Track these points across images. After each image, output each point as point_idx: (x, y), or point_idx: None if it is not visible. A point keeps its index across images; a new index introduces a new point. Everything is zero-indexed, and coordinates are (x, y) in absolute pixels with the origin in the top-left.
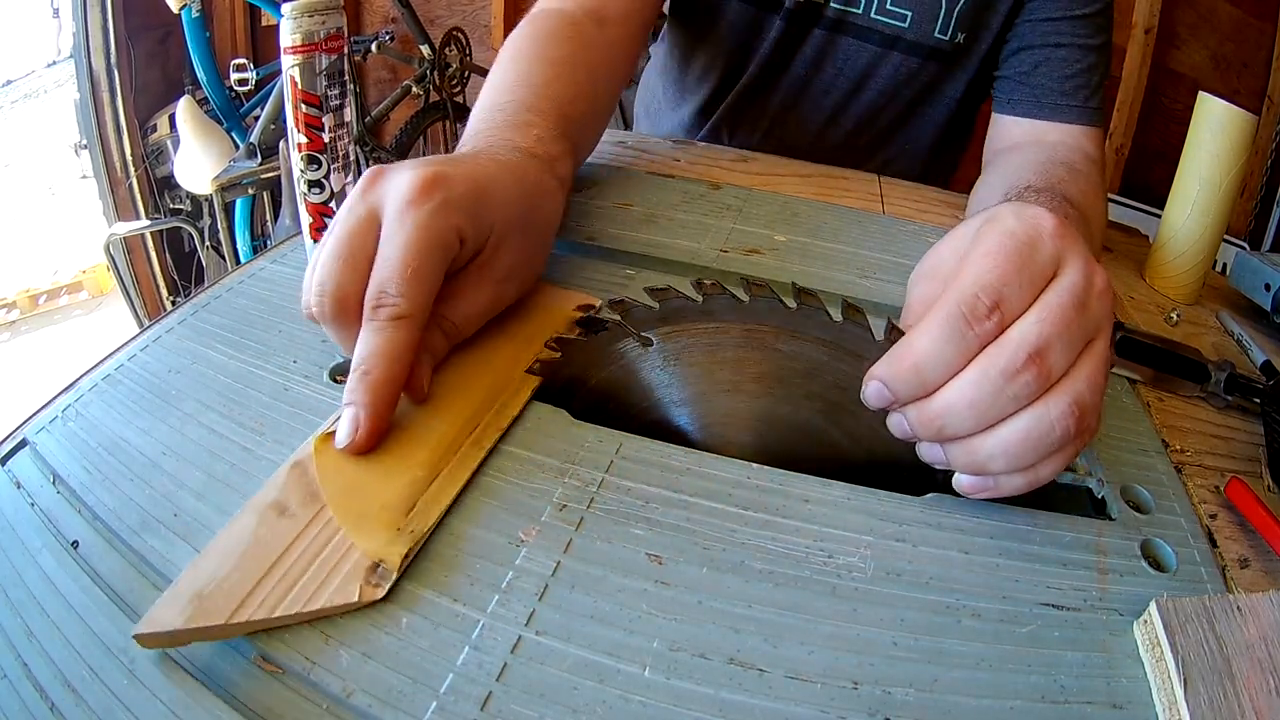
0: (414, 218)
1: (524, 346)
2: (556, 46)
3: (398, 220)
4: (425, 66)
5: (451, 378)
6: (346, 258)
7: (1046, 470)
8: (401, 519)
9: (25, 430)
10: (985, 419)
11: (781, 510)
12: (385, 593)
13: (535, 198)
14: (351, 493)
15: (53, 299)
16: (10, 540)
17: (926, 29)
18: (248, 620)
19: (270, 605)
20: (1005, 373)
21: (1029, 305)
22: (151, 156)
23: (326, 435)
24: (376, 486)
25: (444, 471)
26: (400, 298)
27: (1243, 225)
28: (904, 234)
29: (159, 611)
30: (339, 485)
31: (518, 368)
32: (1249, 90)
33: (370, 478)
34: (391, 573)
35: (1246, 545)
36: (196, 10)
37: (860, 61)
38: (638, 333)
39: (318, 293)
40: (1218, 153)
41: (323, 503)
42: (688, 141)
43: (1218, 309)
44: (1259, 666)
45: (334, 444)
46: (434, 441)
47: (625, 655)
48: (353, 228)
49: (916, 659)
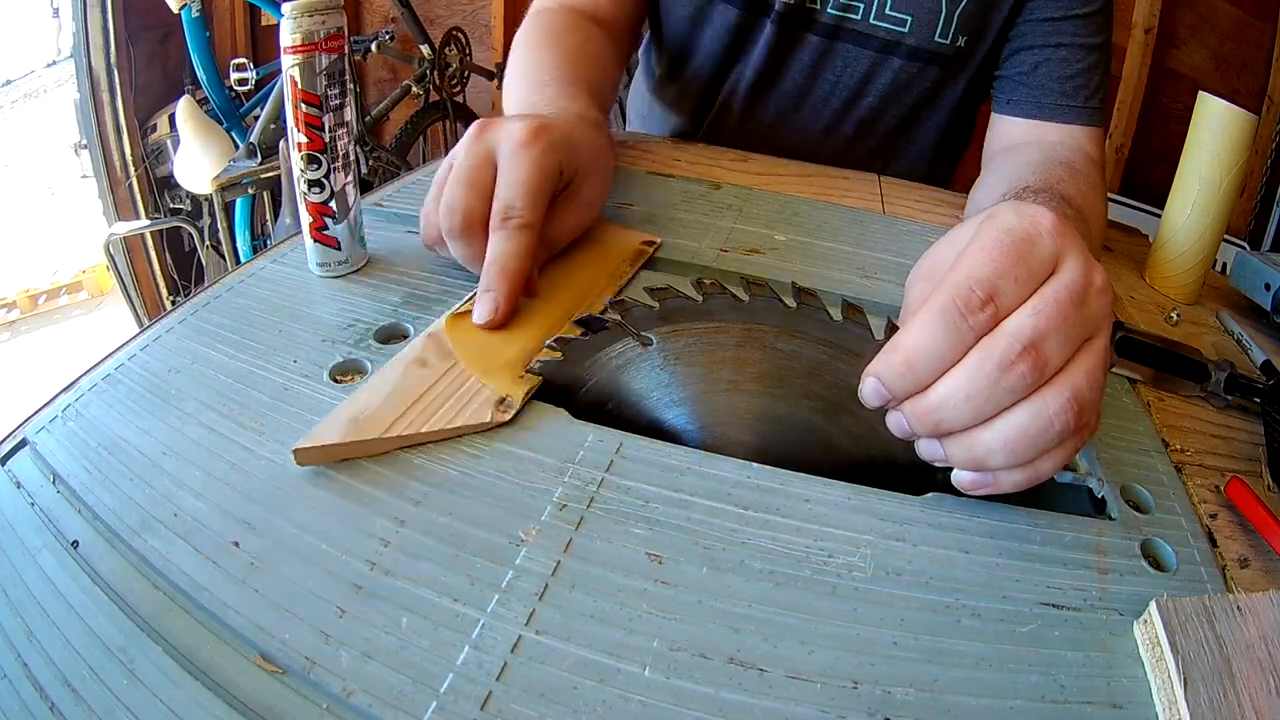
0: (529, 153)
1: (601, 263)
2: (569, 37)
3: (515, 155)
4: (425, 66)
5: (551, 280)
6: (473, 184)
7: (1046, 466)
8: (521, 369)
9: (25, 430)
10: (981, 412)
11: (781, 510)
12: (511, 416)
13: (601, 147)
14: (480, 352)
15: (53, 299)
16: (10, 540)
17: (927, 34)
18: (399, 435)
19: (417, 424)
20: (1000, 364)
21: (1025, 300)
22: (151, 156)
23: (455, 315)
24: (499, 348)
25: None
26: (525, 210)
27: (1243, 225)
28: (904, 234)
29: (320, 430)
30: (469, 347)
31: (598, 277)
32: (1249, 90)
33: (494, 342)
34: (515, 404)
35: (1246, 545)
36: (196, 10)
37: (859, 68)
38: (638, 332)
39: (448, 212)
40: (1218, 153)
41: (455, 359)
42: (688, 141)
43: (1218, 309)
44: (1259, 666)
45: (464, 322)
46: (539, 321)
47: (625, 655)
48: (475, 162)
49: (916, 659)
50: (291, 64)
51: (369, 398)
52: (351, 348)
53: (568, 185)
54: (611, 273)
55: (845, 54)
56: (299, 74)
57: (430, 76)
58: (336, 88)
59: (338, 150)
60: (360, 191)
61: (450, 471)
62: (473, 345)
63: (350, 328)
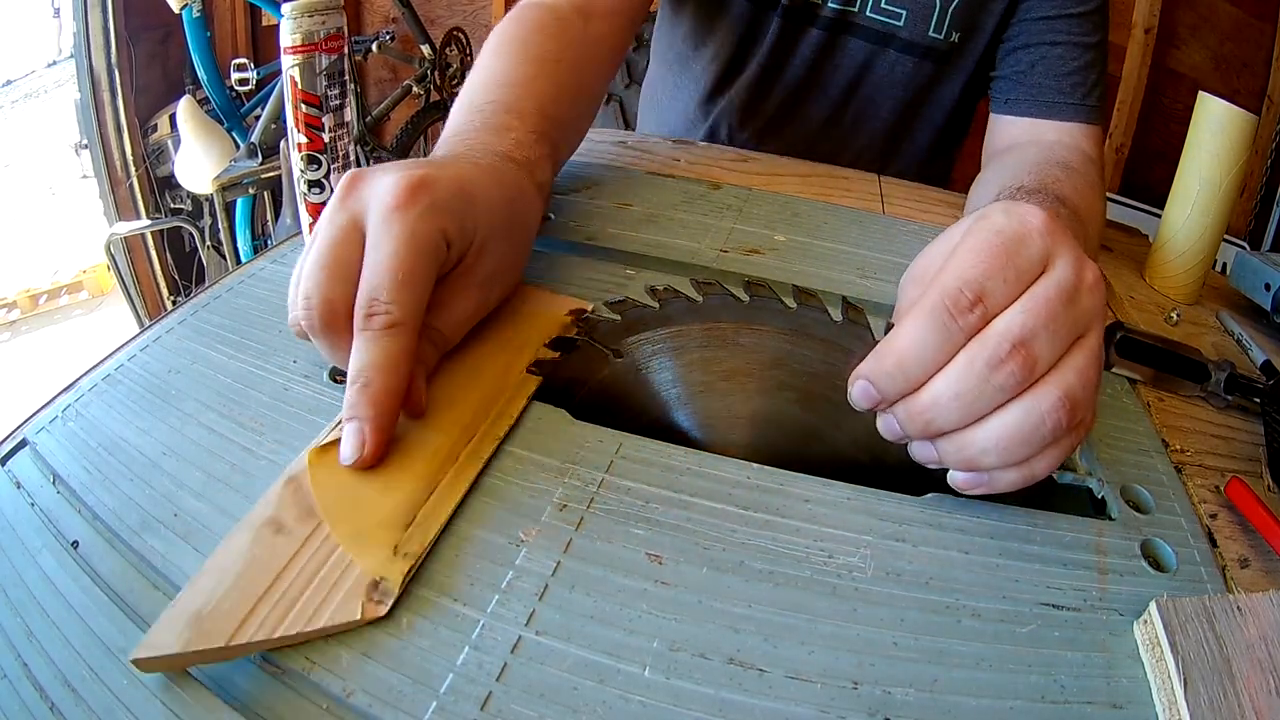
0: (401, 222)
1: (515, 354)
2: (540, 43)
3: (383, 226)
4: (426, 66)
5: (444, 388)
6: (331, 267)
7: (1041, 465)
8: (400, 535)
9: (25, 430)
10: (972, 411)
11: (781, 510)
12: (387, 610)
13: (516, 202)
14: (348, 509)
15: (53, 299)
16: (10, 540)
17: (921, 28)
18: (248, 642)
19: (270, 625)
20: (990, 363)
21: (1015, 299)
22: (152, 156)
23: (321, 449)
24: (374, 502)
25: (442, 484)
26: (393, 304)
27: (1243, 225)
28: (904, 234)
29: (156, 635)
30: (335, 501)
31: (510, 375)
32: (1249, 90)
33: (368, 493)
34: (393, 591)
35: (1246, 545)
36: (197, 10)
37: (856, 59)
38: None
39: (304, 305)
40: (1218, 153)
41: (319, 519)
42: (688, 141)
43: (1218, 309)
44: (1259, 666)
45: (330, 458)
46: (430, 454)
47: (625, 655)
48: (336, 236)
49: (916, 659)
50: (291, 64)
51: (212, 584)
52: None
53: (461, 258)
54: (524, 368)
55: (845, 47)
56: (299, 74)
57: (431, 77)
58: (336, 88)
59: (338, 150)
60: None
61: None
62: (340, 495)
63: None
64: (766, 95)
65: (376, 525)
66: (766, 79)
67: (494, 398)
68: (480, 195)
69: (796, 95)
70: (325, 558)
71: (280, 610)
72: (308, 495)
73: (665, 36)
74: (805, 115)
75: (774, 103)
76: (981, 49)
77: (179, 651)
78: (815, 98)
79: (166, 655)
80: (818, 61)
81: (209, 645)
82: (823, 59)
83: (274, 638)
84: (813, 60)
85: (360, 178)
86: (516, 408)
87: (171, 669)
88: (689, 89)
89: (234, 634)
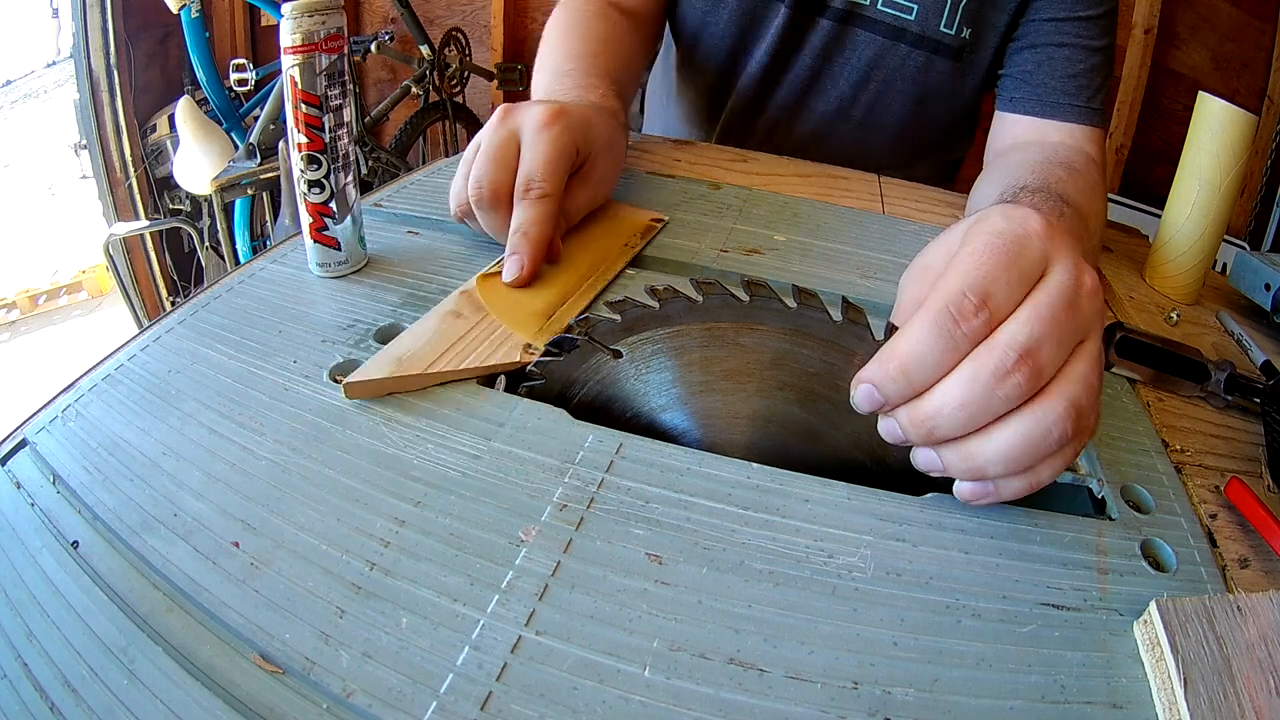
0: (549, 133)
1: (614, 237)
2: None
3: (536, 135)
4: (425, 67)
5: (569, 249)
6: (497, 161)
7: (1046, 473)
8: (544, 322)
9: (25, 430)
10: (976, 420)
11: (781, 510)
12: (534, 360)
13: (614, 131)
14: (508, 307)
15: (52, 299)
16: (10, 540)
17: (932, 22)
18: (438, 371)
19: (454, 364)
20: (996, 374)
21: (1018, 304)
22: (151, 157)
23: (485, 275)
24: (526, 304)
25: (568, 301)
26: (544, 182)
27: (1243, 225)
28: (904, 234)
29: (368, 368)
30: (498, 302)
31: (611, 247)
32: (1249, 90)
33: (521, 299)
34: (539, 350)
35: (1246, 545)
36: (196, 10)
37: (868, 53)
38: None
39: (476, 187)
40: (1218, 153)
41: (486, 312)
42: (688, 141)
43: (1218, 309)
44: (1259, 666)
45: (492, 280)
46: (561, 283)
47: (625, 655)
48: (498, 142)
49: (916, 659)
50: (291, 64)
51: (411, 342)
52: (351, 348)
53: (582, 165)
54: (624, 245)
55: (855, 39)
56: (299, 74)
57: (430, 77)
58: (336, 88)
59: (338, 150)
60: (360, 192)
61: (450, 471)
62: (501, 300)
63: (350, 328)
64: (774, 89)
65: (528, 315)
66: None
67: (601, 258)
68: (594, 123)
69: (806, 89)
70: (491, 331)
71: (460, 356)
72: (477, 299)
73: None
74: (815, 109)
75: (782, 96)
76: (994, 47)
77: (385, 376)
78: (825, 92)
79: (375, 379)
80: (828, 54)
81: (409, 372)
82: (833, 51)
83: (459, 369)
84: (823, 52)
85: (512, 108)
86: (615, 268)
87: (374, 393)
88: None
89: (429, 366)
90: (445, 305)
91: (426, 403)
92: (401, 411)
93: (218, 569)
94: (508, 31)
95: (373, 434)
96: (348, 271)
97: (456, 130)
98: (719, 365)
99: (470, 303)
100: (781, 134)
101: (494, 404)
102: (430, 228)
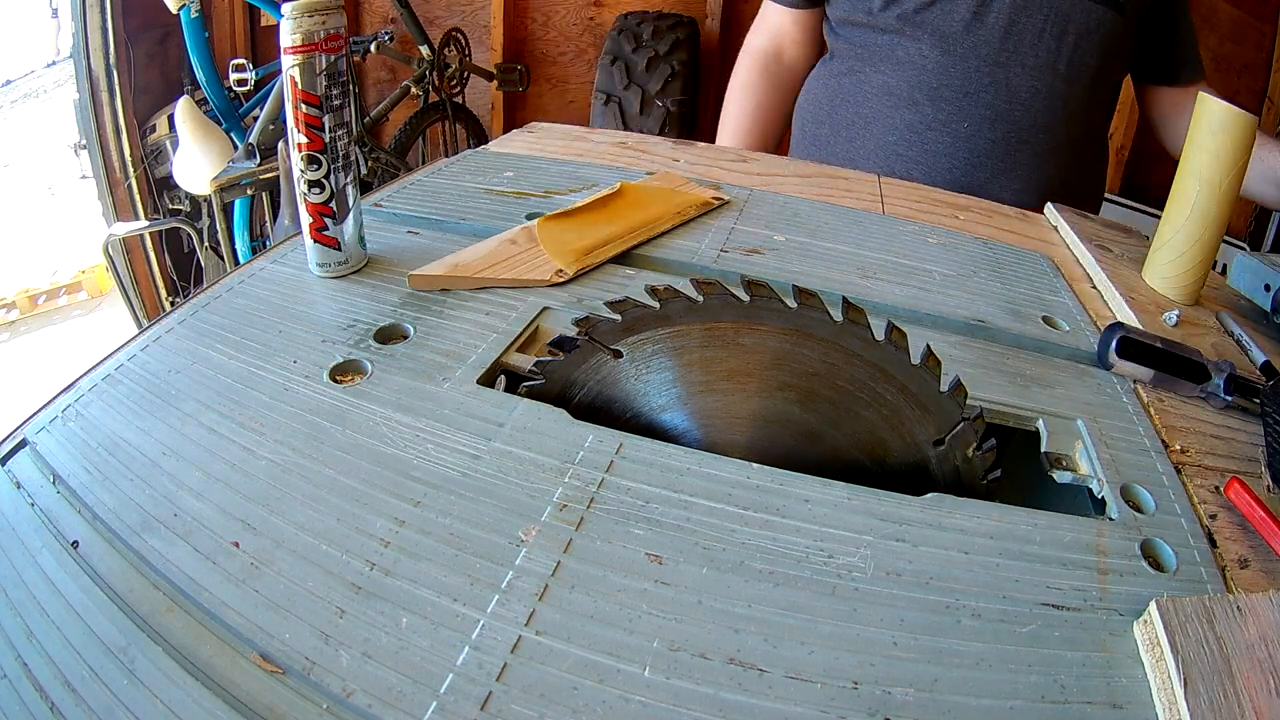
0: None
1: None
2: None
3: None
4: (424, 67)
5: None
6: None
7: None
8: (581, 256)
9: (25, 430)
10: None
11: (781, 510)
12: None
13: None
14: (557, 242)
15: (52, 299)
16: (10, 540)
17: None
18: (485, 277)
19: (498, 273)
20: None
21: None
22: (151, 157)
23: (547, 217)
24: (573, 241)
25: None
26: None
27: (1243, 225)
28: (904, 234)
29: (429, 267)
30: (550, 238)
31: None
32: (1249, 91)
33: (569, 237)
34: (569, 273)
35: (1246, 545)
36: (195, 10)
37: (1061, 6)
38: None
39: None
40: (1218, 153)
41: (537, 244)
42: (688, 142)
43: (1218, 309)
44: (1259, 666)
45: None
46: (606, 232)
47: (625, 655)
48: None
49: (916, 659)
50: (291, 64)
51: (468, 254)
52: (351, 348)
53: None
54: (676, 213)
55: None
56: (299, 74)
57: (430, 77)
58: (336, 88)
59: (338, 151)
60: (360, 192)
61: (450, 472)
62: (552, 237)
63: (350, 328)
64: (970, 46)
65: (570, 250)
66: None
67: (653, 219)
68: None
69: (1001, 40)
70: (535, 257)
71: (505, 269)
72: (533, 233)
73: None
74: (1018, 61)
75: (981, 52)
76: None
77: (443, 274)
78: (1027, 43)
79: (434, 275)
80: (1024, 6)
81: (463, 274)
82: (1026, 5)
83: (501, 277)
84: (1018, 5)
85: None
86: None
87: (431, 287)
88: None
89: (479, 272)
90: (506, 234)
91: (427, 402)
92: (401, 412)
93: (218, 569)
94: (507, 31)
95: (373, 434)
96: (348, 271)
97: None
98: (719, 365)
99: (526, 235)
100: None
101: (494, 404)
102: (430, 228)
